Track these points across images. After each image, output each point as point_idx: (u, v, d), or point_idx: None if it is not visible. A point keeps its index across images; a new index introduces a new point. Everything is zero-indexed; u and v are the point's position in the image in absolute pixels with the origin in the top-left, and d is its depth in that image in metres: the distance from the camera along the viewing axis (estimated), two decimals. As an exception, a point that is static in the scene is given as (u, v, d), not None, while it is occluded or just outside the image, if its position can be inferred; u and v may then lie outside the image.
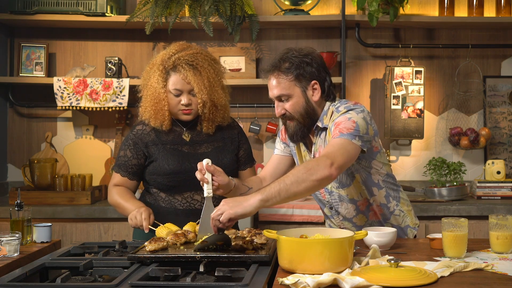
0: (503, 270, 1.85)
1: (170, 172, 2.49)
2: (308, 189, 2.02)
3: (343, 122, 2.17)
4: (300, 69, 2.25)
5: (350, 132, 2.14)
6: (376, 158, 2.34)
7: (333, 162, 2.03)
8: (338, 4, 3.92)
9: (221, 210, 1.98)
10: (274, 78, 2.29)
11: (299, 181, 2.00)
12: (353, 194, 2.34)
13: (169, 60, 2.48)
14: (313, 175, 2.00)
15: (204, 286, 1.75)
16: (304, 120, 2.29)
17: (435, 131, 3.97)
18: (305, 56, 2.27)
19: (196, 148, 2.55)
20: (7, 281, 1.80)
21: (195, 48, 2.54)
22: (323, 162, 2.03)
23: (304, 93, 2.27)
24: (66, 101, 3.72)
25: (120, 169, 2.55)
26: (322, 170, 2.01)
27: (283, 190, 1.99)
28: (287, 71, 2.26)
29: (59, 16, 3.73)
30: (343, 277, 1.70)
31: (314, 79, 2.27)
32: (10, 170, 4.02)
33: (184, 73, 2.45)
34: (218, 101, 2.53)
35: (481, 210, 3.36)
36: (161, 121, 2.50)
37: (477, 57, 3.95)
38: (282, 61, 2.27)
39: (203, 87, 2.47)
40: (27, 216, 2.47)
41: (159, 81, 2.47)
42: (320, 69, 2.28)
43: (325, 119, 2.29)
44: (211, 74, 2.51)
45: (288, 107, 2.28)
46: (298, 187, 2.00)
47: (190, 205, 2.51)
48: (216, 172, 2.22)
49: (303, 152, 2.42)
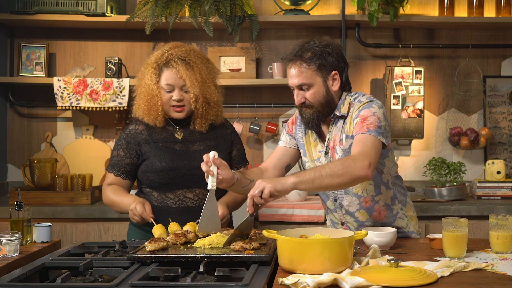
0: (503, 270, 1.85)
1: (162, 169, 2.50)
2: (341, 184, 2.10)
3: (369, 117, 2.23)
4: (322, 59, 2.28)
5: (376, 129, 2.20)
6: (388, 156, 2.38)
7: (371, 163, 2.11)
8: (338, 4, 3.92)
9: (260, 187, 2.05)
10: (296, 67, 2.30)
11: (334, 175, 2.07)
12: (359, 190, 2.36)
13: (162, 57, 2.51)
14: (350, 173, 2.07)
15: (204, 286, 1.75)
16: (323, 109, 2.32)
17: (435, 131, 3.97)
18: (327, 46, 2.31)
19: (188, 146, 2.56)
20: (7, 281, 1.80)
21: (188, 46, 2.59)
22: (361, 162, 2.09)
23: (325, 83, 2.31)
24: (66, 101, 3.72)
25: (113, 169, 2.57)
26: (359, 169, 2.08)
27: (317, 179, 2.07)
28: (309, 61, 2.28)
29: (59, 16, 3.73)
30: (343, 277, 1.70)
31: (334, 69, 2.31)
32: (10, 170, 4.02)
33: (176, 68, 2.48)
34: (210, 98, 2.54)
35: (481, 210, 3.36)
36: (154, 117, 2.52)
37: (477, 57, 3.95)
38: (305, 50, 2.30)
39: (195, 81, 2.49)
40: (27, 216, 2.47)
41: (152, 78, 2.50)
42: (340, 60, 2.33)
43: (342, 108, 2.33)
44: (203, 70, 2.53)
45: (309, 96, 2.31)
46: (332, 181, 2.07)
47: (183, 203, 2.52)
48: (221, 165, 2.23)
49: (313, 142, 2.43)
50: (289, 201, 3.51)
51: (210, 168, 2.19)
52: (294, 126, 2.49)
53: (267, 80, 3.82)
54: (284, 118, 3.91)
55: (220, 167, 2.23)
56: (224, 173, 2.23)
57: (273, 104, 3.88)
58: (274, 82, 3.77)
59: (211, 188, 2.19)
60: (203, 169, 2.21)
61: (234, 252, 1.98)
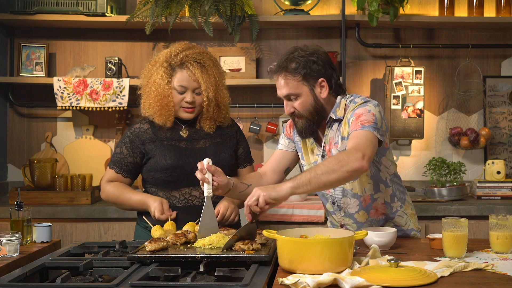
0: (503, 270, 1.85)
1: (168, 167, 2.49)
2: (338, 179, 2.07)
3: (363, 114, 2.22)
4: (307, 68, 2.28)
5: (371, 125, 2.19)
6: (386, 155, 2.37)
7: (364, 155, 2.08)
8: (338, 4, 3.92)
9: (255, 195, 2.05)
10: (281, 78, 2.32)
11: (330, 172, 2.05)
12: (357, 189, 2.35)
13: (176, 57, 2.49)
14: (344, 166, 2.05)
15: (204, 286, 1.75)
16: (313, 117, 2.32)
17: (435, 131, 3.97)
18: (311, 54, 2.30)
19: (194, 144, 2.55)
20: (7, 281, 1.80)
21: (201, 48, 2.57)
22: (354, 155, 2.07)
23: (312, 91, 2.30)
24: (66, 101, 3.72)
25: (115, 165, 2.56)
26: (353, 162, 2.06)
27: (314, 178, 2.05)
28: (294, 71, 2.28)
29: (59, 16, 3.73)
30: (343, 277, 1.70)
31: (321, 77, 2.30)
32: (10, 170, 4.02)
33: (192, 70, 2.47)
34: (221, 101, 2.56)
35: (481, 210, 3.36)
36: (166, 118, 2.51)
37: (477, 57, 3.95)
38: (289, 61, 2.30)
39: (210, 85, 2.49)
40: (27, 216, 2.47)
41: (164, 78, 2.48)
42: (327, 66, 2.32)
43: (338, 111, 2.33)
44: (216, 73, 2.54)
45: (297, 105, 2.31)
46: (329, 177, 2.05)
47: (188, 202, 2.51)
48: (216, 172, 2.24)
49: (311, 145, 2.43)
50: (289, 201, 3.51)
51: (205, 175, 2.21)
52: (292, 130, 2.49)
53: (267, 80, 3.82)
54: (284, 118, 3.92)
55: (215, 173, 2.23)
56: (220, 180, 2.24)
57: (273, 104, 3.88)
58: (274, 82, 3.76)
59: (208, 195, 2.21)
60: (198, 177, 2.22)
61: (234, 252, 1.98)
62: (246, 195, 2.17)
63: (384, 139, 2.26)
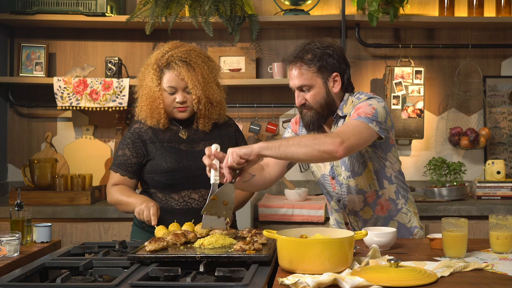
0: (503, 270, 1.85)
1: (168, 170, 2.49)
2: (307, 154, 2.05)
3: (363, 107, 2.22)
4: (323, 60, 2.28)
5: (368, 117, 2.18)
6: (391, 151, 2.37)
7: (343, 141, 2.05)
8: (338, 4, 3.92)
9: (228, 154, 2.06)
10: (296, 68, 2.30)
11: (301, 145, 2.05)
12: (362, 185, 2.35)
13: (163, 58, 2.48)
14: (318, 145, 2.04)
15: (204, 286, 1.75)
16: (322, 110, 2.32)
17: (435, 131, 3.97)
18: (327, 47, 2.30)
19: (193, 146, 2.55)
20: (7, 281, 1.80)
21: (188, 46, 2.55)
22: (333, 138, 2.06)
23: (326, 85, 2.31)
24: (66, 101, 3.72)
25: (119, 168, 2.55)
26: (328, 144, 2.04)
27: (284, 146, 2.05)
28: (309, 62, 2.28)
29: (59, 16, 3.74)
30: (343, 277, 1.70)
31: (335, 71, 2.31)
32: (10, 170, 4.02)
33: (177, 70, 2.46)
34: (213, 98, 2.52)
35: (481, 210, 3.36)
36: (157, 120, 2.50)
37: (477, 57, 3.95)
38: (305, 52, 2.30)
39: (197, 83, 2.47)
40: (27, 216, 2.47)
41: (154, 80, 2.48)
42: (341, 61, 2.32)
43: (345, 108, 2.33)
44: (204, 70, 2.50)
45: (309, 97, 2.31)
46: (298, 150, 2.05)
47: (187, 204, 2.51)
48: (224, 159, 2.20)
49: None
50: (289, 201, 3.51)
51: (213, 161, 2.15)
52: (298, 126, 2.49)
53: (267, 80, 3.82)
54: (284, 118, 3.92)
55: (223, 160, 2.20)
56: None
57: (273, 104, 3.88)
58: (274, 82, 3.77)
59: (214, 182, 2.13)
60: (205, 163, 2.14)
61: (234, 252, 1.98)
62: (250, 185, 2.18)
63: (386, 134, 2.25)
